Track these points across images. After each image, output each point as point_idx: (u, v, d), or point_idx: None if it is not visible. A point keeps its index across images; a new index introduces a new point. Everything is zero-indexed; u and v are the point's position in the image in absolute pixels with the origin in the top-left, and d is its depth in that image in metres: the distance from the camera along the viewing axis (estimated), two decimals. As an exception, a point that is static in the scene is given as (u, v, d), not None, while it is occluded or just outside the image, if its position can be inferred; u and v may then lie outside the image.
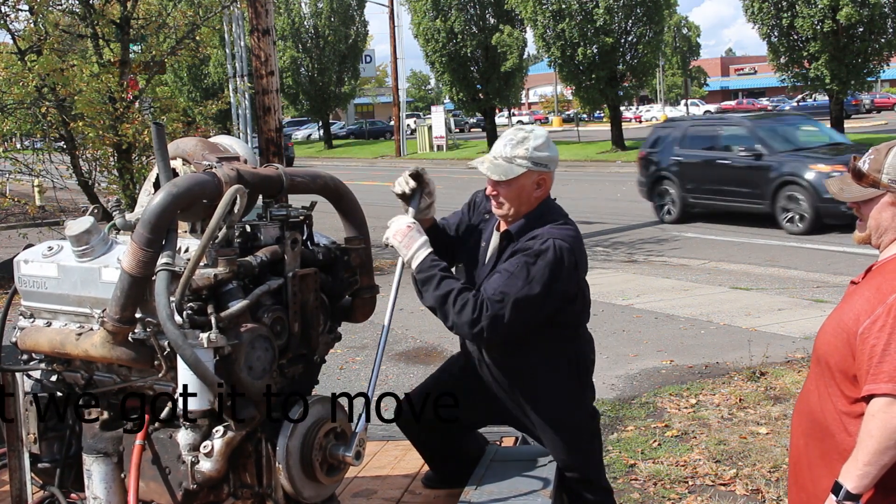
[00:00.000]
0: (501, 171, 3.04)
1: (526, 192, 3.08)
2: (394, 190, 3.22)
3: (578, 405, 3.24)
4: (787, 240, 13.24)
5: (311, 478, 2.56)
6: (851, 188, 2.47)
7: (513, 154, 3.05)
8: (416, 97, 71.23)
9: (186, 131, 13.74)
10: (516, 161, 3.04)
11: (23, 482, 2.87)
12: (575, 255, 3.02)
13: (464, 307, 2.92)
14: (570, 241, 3.01)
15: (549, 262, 2.94)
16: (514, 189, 3.06)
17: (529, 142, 3.05)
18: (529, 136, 3.07)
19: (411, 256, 3.03)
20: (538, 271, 2.93)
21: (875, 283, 2.38)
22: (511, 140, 3.07)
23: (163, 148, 2.53)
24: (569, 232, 3.05)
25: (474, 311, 2.90)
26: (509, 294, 2.91)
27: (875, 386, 2.24)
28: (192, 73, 40.87)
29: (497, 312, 2.90)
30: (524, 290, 2.91)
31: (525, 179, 3.06)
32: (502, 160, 3.06)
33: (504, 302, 2.91)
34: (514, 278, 2.93)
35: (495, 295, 2.91)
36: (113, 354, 2.44)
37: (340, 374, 7.40)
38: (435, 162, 38.59)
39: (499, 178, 3.04)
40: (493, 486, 3.17)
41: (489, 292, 2.94)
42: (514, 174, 3.04)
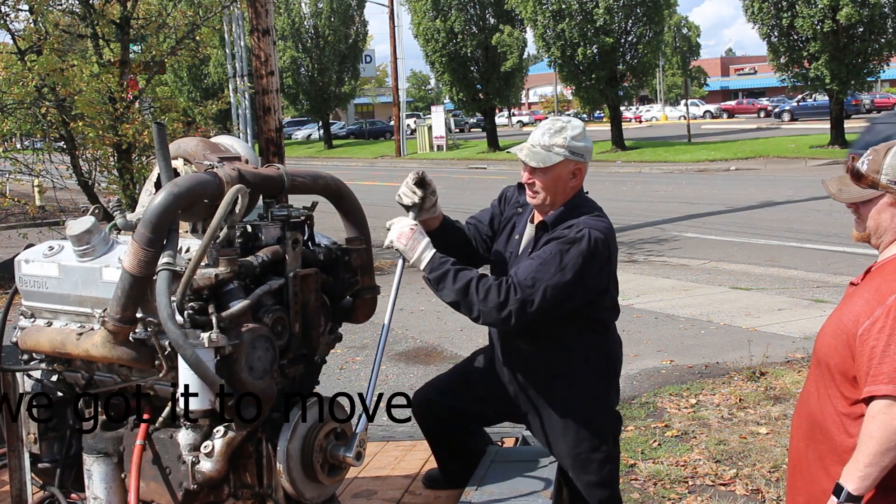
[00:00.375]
0: (540, 158, 3.05)
1: (562, 182, 3.09)
2: (402, 202, 3.22)
3: (603, 406, 3.25)
4: (787, 240, 13.25)
5: (311, 478, 2.56)
6: (850, 189, 2.46)
7: (551, 142, 3.05)
8: (416, 97, 71.23)
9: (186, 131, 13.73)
10: (554, 149, 3.05)
11: (23, 482, 2.87)
12: (609, 247, 3.05)
13: (488, 292, 2.91)
14: (605, 233, 3.02)
15: (583, 251, 2.94)
16: (551, 177, 3.07)
17: (567, 131, 3.07)
18: (567, 126, 3.09)
19: (418, 258, 3.02)
20: (571, 259, 2.93)
21: (874, 285, 2.38)
22: (549, 129, 3.08)
23: (164, 148, 2.53)
24: (604, 224, 3.07)
25: (500, 295, 2.89)
26: (541, 279, 2.90)
27: (875, 387, 2.24)
28: (192, 73, 40.86)
29: (527, 297, 2.89)
30: (556, 276, 2.91)
31: (562, 168, 3.07)
32: (541, 148, 3.06)
33: (535, 287, 2.90)
34: (547, 264, 2.92)
35: (526, 280, 2.90)
36: (114, 354, 2.44)
37: (340, 375, 7.40)
38: (435, 162, 38.60)
39: (537, 164, 3.05)
40: (494, 487, 3.17)
41: (520, 276, 2.92)
42: (552, 162, 3.05)
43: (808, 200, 17.32)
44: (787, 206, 17.04)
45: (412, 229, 3.06)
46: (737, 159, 29.01)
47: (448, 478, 3.54)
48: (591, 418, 3.19)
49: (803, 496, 2.53)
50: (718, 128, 47.54)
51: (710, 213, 16.86)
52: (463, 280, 2.94)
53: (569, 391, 3.18)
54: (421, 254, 3.02)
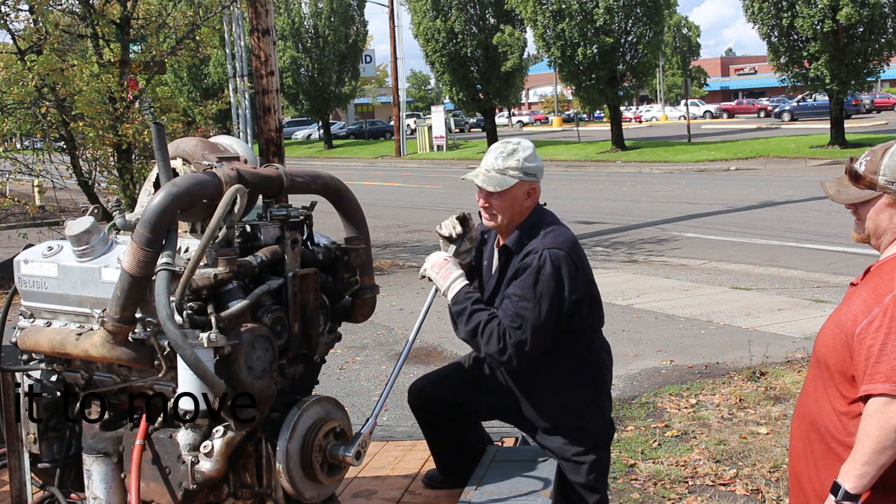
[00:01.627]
0: (496, 182, 3.13)
1: (518, 202, 3.17)
2: (440, 232, 3.33)
3: (595, 412, 3.26)
4: (787, 240, 13.25)
5: (311, 478, 2.55)
6: (848, 190, 2.46)
7: (505, 166, 3.14)
8: (416, 97, 71.21)
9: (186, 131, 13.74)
10: (508, 172, 3.13)
11: (23, 482, 2.87)
12: (573, 260, 3.09)
13: (490, 338, 3.04)
14: (565, 247, 3.09)
15: (550, 274, 3.03)
16: (507, 200, 3.16)
17: (519, 153, 3.15)
18: (518, 147, 3.18)
19: (447, 288, 3.16)
20: (543, 287, 3.02)
21: (872, 284, 2.39)
22: (501, 153, 3.16)
23: (163, 148, 2.53)
24: (561, 238, 3.12)
25: (500, 341, 3.03)
26: (525, 317, 3.02)
27: (872, 386, 2.25)
28: (192, 73, 40.85)
29: (519, 339, 3.01)
30: (536, 309, 3.02)
31: (517, 190, 3.15)
32: (495, 172, 3.14)
33: (523, 328, 3.02)
34: (525, 301, 3.03)
35: (513, 322, 3.03)
36: (113, 354, 2.44)
37: (340, 375, 7.40)
38: (435, 162, 38.60)
39: (494, 189, 3.13)
40: (494, 487, 3.17)
41: (507, 320, 3.04)
42: (507, 185, 3.13)
43: (808, 200, 17.32)
44: (787, 206, 17.04)
45: (446, 260, 3.22)
46: (737, 159, 29.01)
47: (444, 471, 3.54)
48: (582, 426, 3.22)
49: (804, 495, 2.53)
50: (718, 128, 47.54)
51: (710, 213, 16.85)
52: (474, 322, 3.08)
53: (557, 402, 3.22)
54: (450, 285, 3.16)
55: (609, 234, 14.96)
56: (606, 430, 3.31)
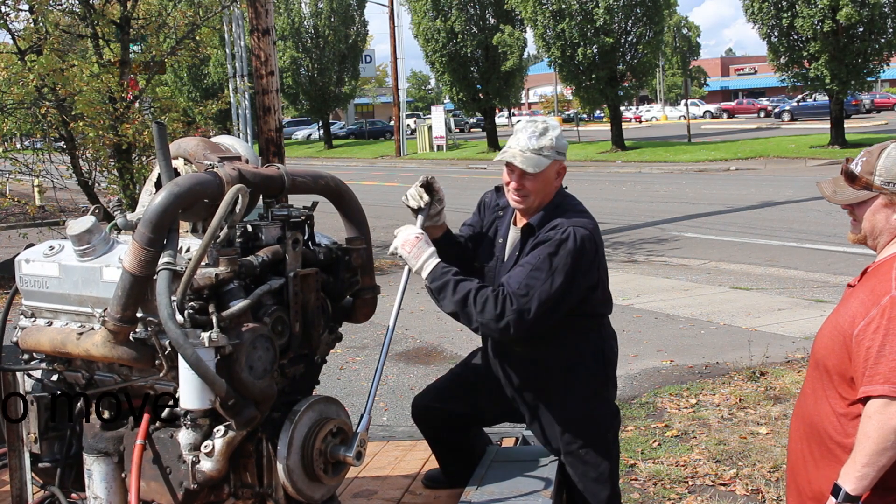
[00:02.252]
0: (533, 163, 3.04)
1: (549, 183, 3.11)
2: (408, 204, 3.23)
3: (602, 401, 3.25)
4: (787, 240, 13.25)
5: (311, 478, 2.56)
6: (844, 191, 2.46)
7: (539, 145, 3.05)
8: (416, 97, 71.20)
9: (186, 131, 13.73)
10: (543, 152, 3.05)
11: (23, 482, 2.87)
12: (595, 242, 3.04)
13: (485, 304, 2.91)
14: (589, 229, 3.03)
15: (571, 250, 2.95)
16: (541, 180, 3.08)
17: (550, 132, 3.08)
18: (549, 126, 3.10)
19: (421, 266, 3.02)
20: (560, 261, 2.94)
21: (870, 285, 2.39)
22: (534, 132, 3.07)
23: (164, 147, 2.53)
24: (587, 219, 3.07)
25: (496, 307, 2.90)
26: (534, 287, 2.91)
27: (871, 387, 2.25)
28: (192, 73, 40.85)
29: (522, 307, 2.90)
30: (548, 281, 2.92)
31: (551, 170, 3.09)
32: (531, 153, 3.05)
33: (529, 296, 2.91)
34: (537, 271, 2.93)
35: (520, 289, 2.91)
36: (114, 354, 2.44)
37: (340, 374, 7.40)
38: (435, 162, 38.59)
39: (532, 170, 3.04)
40: (494, 487, 3.18)
41: (513, 286, 2.93)
42: (543, 166, 3.05)
43: (808, 200, 17.32)
44: (787, 206, 17.04)
45: (418, 237, 3.06)
46: (737, 159, 29.01)
47: (449, 478, 3.55)
48: (589, 414, 3.20)
49: (802, 496, 2.54)
50: (718, 128, 47.53)
51: (710, 213, 16.85)
52: (462, 291, 2.94)
53: (565, 388, 3.18)
54: (424, 262, 3.02)
55: (609, 234, 14.97)
56: (613, 419, 3.29)
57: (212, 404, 2.34)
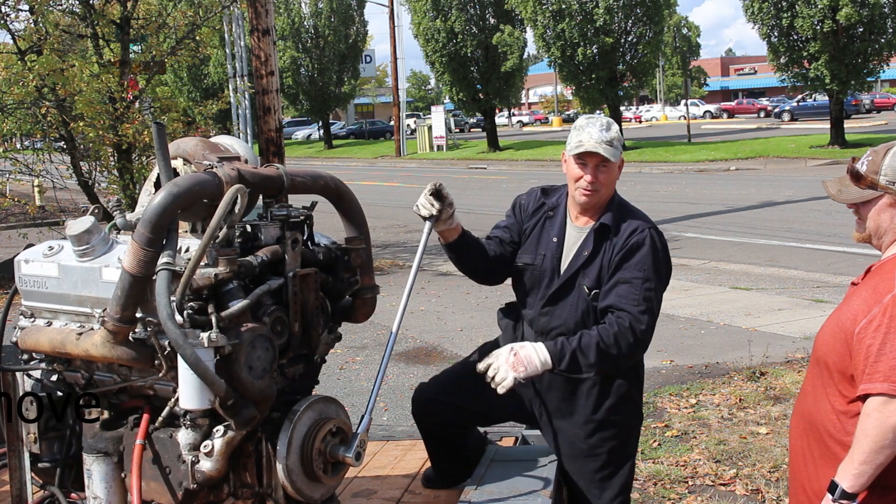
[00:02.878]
0: (612, 153, 3.10)
1: (615, 176, 3.20)
2: (420, 213, 3.21)
3: (633, 405, 3.25)
4: (787, 240, 13.25)
5: (311, 477, 2.56)
6: (850, 190, 2.47)
7: (611, 137, 3.10)
8: (416, 97, 71.21)
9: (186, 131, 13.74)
10: (614, 144, 3.12)
11: (23, 482, 2.87)
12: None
13: (618, 343, 2.97)
14: (655, 224, 3.19)
15: (663, 252, 3.12)
16: (613, 172, 3.16)
17: (613, 126, 3.15)
18: (609, 121, 3.17)
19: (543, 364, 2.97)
20: (662, 266, 3.10)
21: (872, 284, 2.39)
22: (602, 126, 3.11)
23: (164, 148, 2.53)
24: (649, 217, 3.22)
25: (629, 336, 2.98)
26: (651, 298, 3.03)
27: (870, 385, 2.25)
28: (192, 73, 40.88)
29: (649, 322, 3.03)
30: (660, 289, 3.08)
31: (621, 162, 3.19)
32: (606, 145, 3.08)
33: (650, 310, 3.03)
34: (648, 282, 3.04)
35: (639, 306, 3.01)
36: (113, 354, 2.44)
37: (340, 374, 7.40)
38: (435, 162, 38.59)
39: (615, 159, 3.11)
40: (494, 486, 3.17)
41: (631, 307, 2.99)
42: (619, 157, 3.15)
43: (808, 200, 17.32)
44: (787, 206, 17.05)
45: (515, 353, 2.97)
46: (737, 159, 29.02)
47: (442, 475, 3.53)
48: (618, 418, 3.19)
49: (803, 494, 2.54)
50: (718, 128, 47.54)
51: (710, 213, 16.86)
52: (592, 350, 2.97)
53: (600, 391, 3.16)
54: (539, 360, 2.97)
55: (609, 234, 14.95)
56: (638, 424, 3.33)
57: (211, 404, 2.34)
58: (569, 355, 2.97)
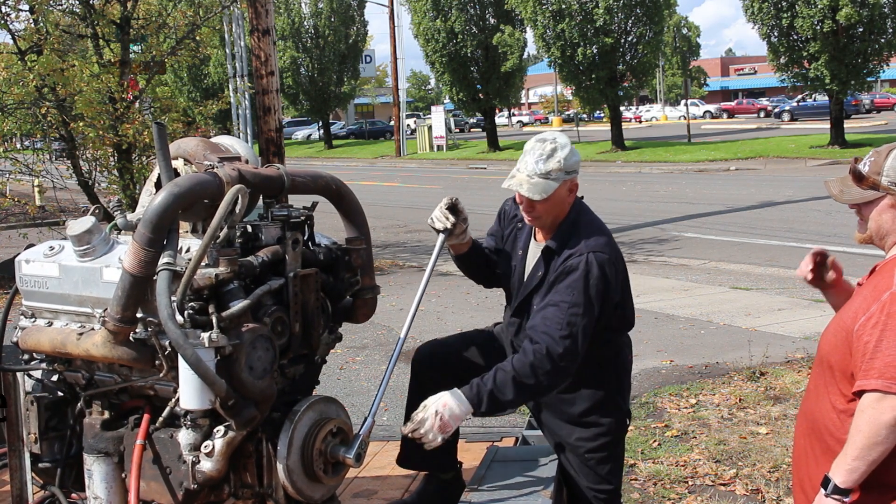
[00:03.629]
0: (541, 189, 3.02)
1: (561, 201, 3.10)
2: (434, 227, 3.22)
3: (613, 407, 3.24)
4: (787, 240, 13.25)
5: (311, 478, 2.56)
6: (852, 190, 2.47)
7: (547, 169, 3.02)
8: (416, 97, 71.22)
9: (186, 131, 13.74)
10: (551, 176, 3.02)
11: (23, 482, 2.88)
12: (614, 263, 3.05)
13: (535, 371, 2.89)
14: (607, 251, 3.04)
15: (598, 277, 2.97)
16: (552, 202, 3.06)
17: (558, 152, 3.04)
18: (557, 146, 3.05)
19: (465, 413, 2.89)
20: (593, 291, 2.97)
21: (873, 283, 2.41)
22: (542, 155, 3.03)
23: (164, 148, 2.53)
24: (602, 240, 3.07)
25: (546, 363, 2.89)
26: (576, 324, 2.93)
27: (865, 381, 2.26)
28: (192, 73, 40.87)
29: (569, 348, 2.92)
30: (587, 315, 2.95)
31: (561, 190, 3.06)
32: (539, 178, 3.02)
33: (573, 334, 2.93)
34: (575, 307, 2.94)
35: (562, 330, 2.92)
36: (114, 354, 2.44)
37: (340, 374, 7.40)
38: (435, 162, 38.59)
39: (540, 197, 3.02)
40: (494, 487, 3.18)
41: (553, 331, 2.91)
42: (551, 190, 3.02)
43: (808, 200, 17.32)
44: (787, 206, 17.04)
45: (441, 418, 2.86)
46: (737, 159, 29.02)
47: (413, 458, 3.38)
48: (598, 420, 3.20)
49: (806, 492, 2.54)
50: (718, 128, 47.54)
51: (710, 213, 16.86)
52: (508, 387, 2.88)
53: (576, 393, 3.19)
54: (461, 411, 2.88)
55: (609, 234, 14.96)
56: (621, 426, 3.29)
57: (212, 404, 2.34)
58: (486, 397, 2.87)
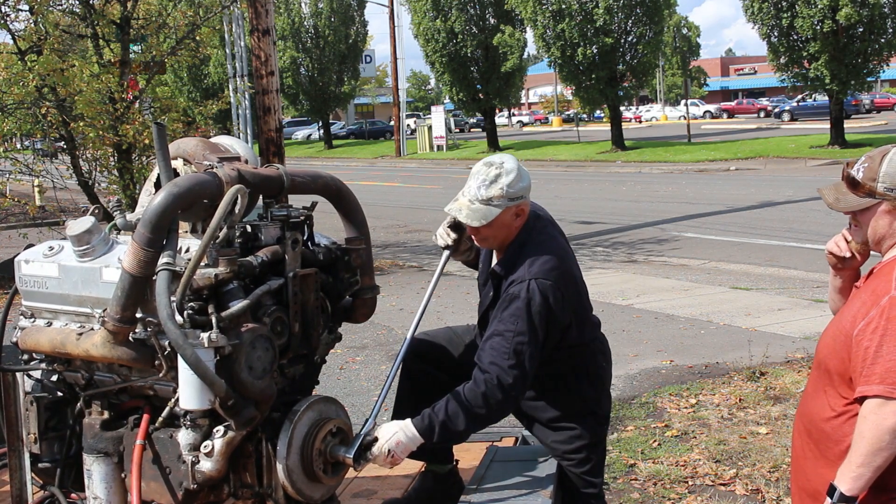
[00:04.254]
0: (480, 215, 2.98)
1: (506, 226, 3.04)
2: (437, 243, 3.27)
3: (588, 413, 3.23)
4: (787, 240, 13.25)
5: (311, 478, 2.56)
6: (847, 198, 2.43)
7: (488, 195, 2.96)
8: (416, 97, 71.25)
9: (186, 131, 13.73)
10: (493, 202, 2.97)
11: (23, 482, 2.88)
12: (559, 288, 2.99)
13: (487, 402, 2.87)
14: (550, 277, 2.98)
15: (540, 304, 2.93)
16: (495, 227, 3.02)
17: (502, 178, 2.97)
18: (501, 172, 2.99)
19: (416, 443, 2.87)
20: (536, 318, 2.92)
21: (872, 286, 2.38)
22: (484, 181, 2.98)
23: (164, 148, 2.53)
24: (547, 265, 3.00)
25: (497, 392, 2.87)
26: (522, 353, 2.90)
27: (867, 387, 2.24)
28: (192, 73, 40.86)
29: (518, 375, 2.89)
30: (533, 342, 2.92)
31: (504, 216, 3.01)
32: (479, 203, 2.98)
33: (521, 363, 2.89)
34: (521, 335, 2.90)
35: (509, 359, 2.89)
36: (114, 354, 2.44)
37: (340, 374, 7.40)
38: (435, 162, 38.59)
39: (479, 223, 2.99)
40: (494, 487, 3.18)
41: (501, 360, 2.89)
42: (492, 216, 2.98)
43: (808, 200, 17.32)
44: (787, 206, 17.04)
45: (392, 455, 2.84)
46: (737, 159, 29.01)
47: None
48: (571, 426, 3.20)
49: (804, 495, 2.54)
50: (718, 128, 47.53)
51: (710, 213, 16.86)
52: (459, 417, 2.86)
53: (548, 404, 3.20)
54: (412, 444, 2.87)
55: (609, 234, 14.97)
56: (597, 429, 3.27)
57: (211, 405, 2.34)
58: (438, 428, 2.86)
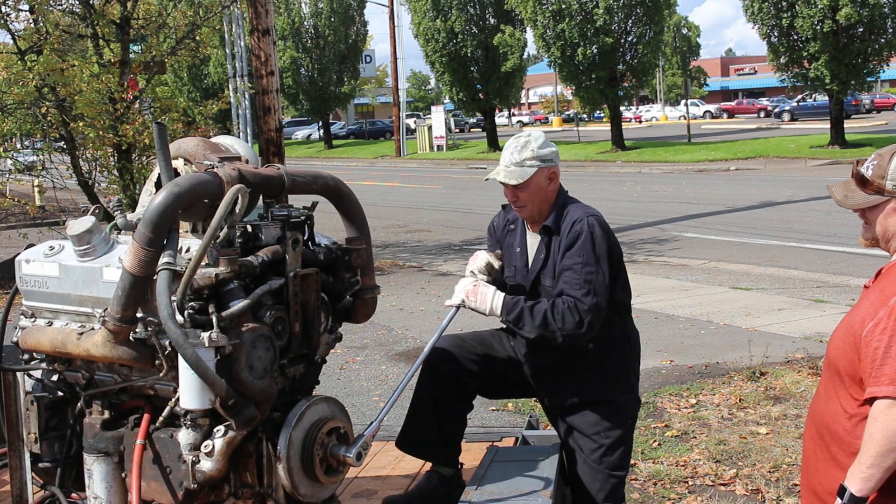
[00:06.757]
0: (516, 175, 3.29)
1: (542, 189, 3.34)
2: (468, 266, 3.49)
3: (625, 388, 3.38)
4: (787, 240, 13.26)
5: (311, 477, 2.56)
6: (856, 195, 2.43)
7: (521, 158, 3.30)
8: (416, 97, 71.22)
9: (186, 131, 13.74)
10: (526, 163, 3.29)
11: (23, 482, 2.88)
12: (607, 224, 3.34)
13: (564, 318, 3.15)
14: (598, 213, 3.35)
15: (601, 235, 3.25)
16: (532, 189, 3.31)
17: (532, 143, 3.32)
18: (530, 139, 3.35)
19: (492, 307, 3.25)
20: (601, 249, 3.23)
21: (880, 286, 2.38)
22: (516, 147, 3.33)
23: (164, 148, 2.53)
24: (593, 209, 3.37)
25: (574, 315, 3.15)
26: (592, 281, 3.18)
27: (876, 388, 2.24)
28: (192, 73, 40.85)
29: (592, 304, 3.16)
30: (599, 271, 3.20)
31: (538, 177, 3.31)
32: (514, 166, 3.30)
33: (593, 292, 3.17)
34: (588, 265, 3.19)
35: (582, 289, 3.17)
36: (114, 354, 2.44)
37: (340, 374, 7.40)
38: (435, 162, 38.59)
39: (516, 182, 3.29)
40: (494, 487, 3.18)
41: (574, 291, 3.17)
42: (528, 176, 3.28)
43: (808, 200, 17.33)
44: (787, 206, 17.05)
45: (475, 285, 3.31)
46: (737, 159, 29.01)
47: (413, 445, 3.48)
48: (612, 398, 3.33)
49: (815, 496, 2.53)
50: (718, 128, 47.53)
51: (710, 213, 16.86)
52: (539, 315, 3.17)
53: (591, 373, 3.32)
54: (493, 303, 3.25)
55: (609, 234, 14.94)
56: (635, 406, 3.45)
57: (212, 404, 2.34)
58: (518, 310, 3.19)
